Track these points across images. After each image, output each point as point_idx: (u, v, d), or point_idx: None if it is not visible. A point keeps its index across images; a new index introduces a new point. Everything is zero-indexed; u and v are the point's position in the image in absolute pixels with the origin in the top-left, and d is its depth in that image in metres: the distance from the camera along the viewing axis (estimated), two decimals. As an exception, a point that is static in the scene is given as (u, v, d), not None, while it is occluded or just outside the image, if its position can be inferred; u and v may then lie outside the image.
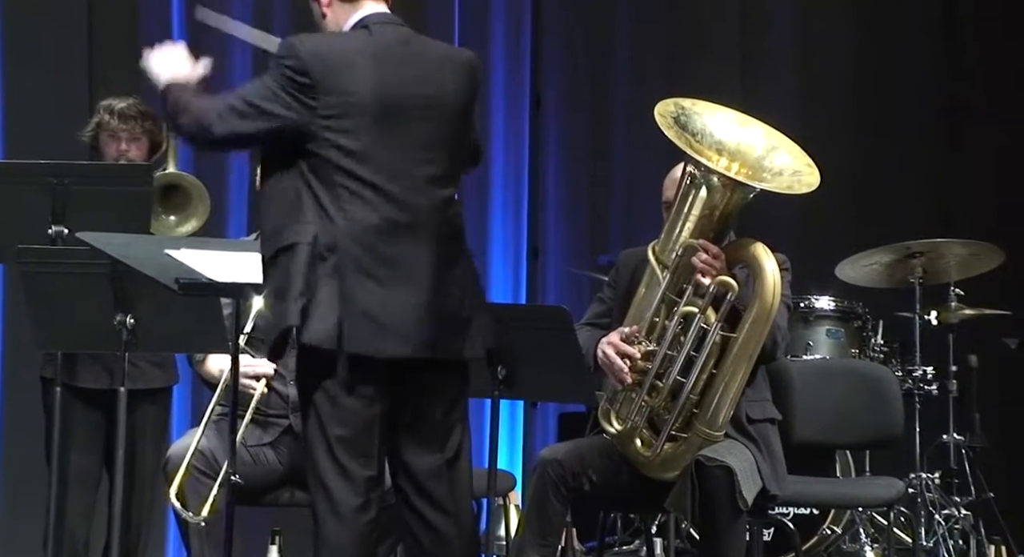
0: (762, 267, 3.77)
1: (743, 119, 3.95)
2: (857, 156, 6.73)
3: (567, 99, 6.97)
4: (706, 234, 3.83)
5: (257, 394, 4.01)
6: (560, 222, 6.92)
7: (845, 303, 5.70)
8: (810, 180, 3.83)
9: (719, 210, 3.82)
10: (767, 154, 3.88)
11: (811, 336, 5.61)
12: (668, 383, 3.83)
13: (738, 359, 3.78)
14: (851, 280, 5.74)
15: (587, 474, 3.96)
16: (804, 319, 5.61)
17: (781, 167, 3.86)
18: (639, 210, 6.74)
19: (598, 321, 4.13)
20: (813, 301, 5.65)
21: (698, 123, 3.89)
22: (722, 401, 3.81)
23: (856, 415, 4.78)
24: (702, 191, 3.80)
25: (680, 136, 3.82)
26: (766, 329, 3.78)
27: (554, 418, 6.47)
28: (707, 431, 3.83)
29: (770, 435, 4.00)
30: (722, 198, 3.80)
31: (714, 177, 3.79)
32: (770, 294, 3.74)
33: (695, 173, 3.82)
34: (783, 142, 3.92)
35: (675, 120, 3.85)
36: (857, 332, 5.68)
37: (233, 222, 5.98)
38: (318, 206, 2.98)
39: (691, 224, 3.83)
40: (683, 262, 3.82)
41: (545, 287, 6.82)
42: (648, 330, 3.87)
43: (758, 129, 3.93)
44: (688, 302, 3.81)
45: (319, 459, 3.03)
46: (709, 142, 3.87)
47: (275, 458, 4.12)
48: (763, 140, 3.90)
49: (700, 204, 3.82)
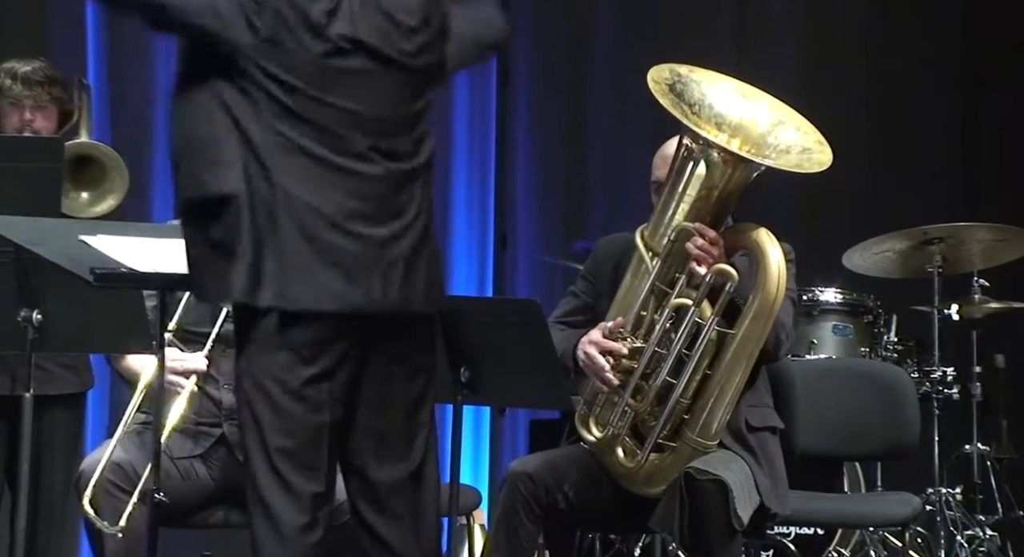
0: (765, 255, 3.78)
1: (746, 90, 3.96)
2: (867, 132, 6.79)
3: (539, 70, 6.99)
4: (702, 217, 3.83)
5: (186, 392, 3.99)
6: (531, 207, 6.95)
7: (854, 296, 5.71)
8: (821, 158, 3.84)
9: (718, 190, 3.82)
10: (773, 130, 3.90)
11: (815, 333, 5.63)
12: (656, 385, 3.83)
13: (736, 359, 3.79)
14: (861, 270, 5.75)
15: (562, 490, 3.96)
16: (808, 314, 5.62)
17: (788, 144, 3.88)
18: (620, 194, 6.79)
19: (570, 319, 4.15)
20: (818, 293, 5.67)
21: (696, 93, 3.90)
22: (716, 406, 3.81)
23: (866, 422, 4.82)
24: (699, 168, 3.81)
25: (676, 105, 3.83)
26: (768, 325, 3.79)
27: (524, 426, 6.50)
28: (699, 440, 3.84)
29: (770, 445, 4.02)
30: (722, 176, 3.81)
31: (714, 152, 3.80)
32: (774, 286, 3.75)
33: (692, 147, 3.83)
34: (791, 116, 3.93)
35: (670, 88, 3.86)
36: (867, 328, 5.69)
37: (158, 202, 5.98)
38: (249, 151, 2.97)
39: (686, 206, 3.84)
40: (676, 248, 3.82)
41: (514, 279, 6.86)
42: (635, 325, 3.88)
43: (763, 102, 3.94)
44: (681, 293, 3.82)
45: (258, 472, 3.01)
46: (708, 114, 3.89)
47: (206, 472, 4.11)
48: (768, 114, 3.92)
49: (697, 183, 3.82)
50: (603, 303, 4.07)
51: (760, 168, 3.82)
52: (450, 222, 6.73)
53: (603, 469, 3.96)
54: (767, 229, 3.83)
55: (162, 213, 5.87)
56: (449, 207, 6.73)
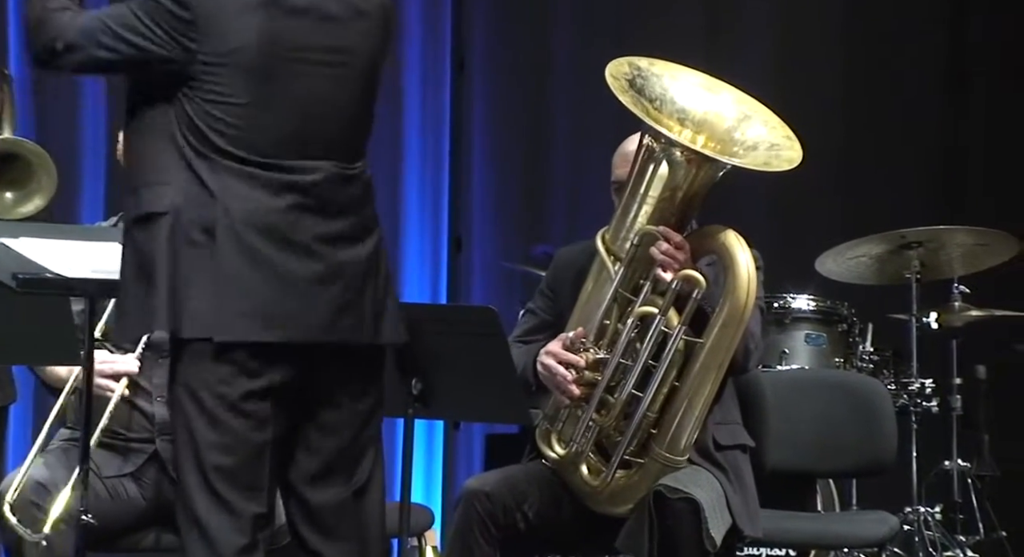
0: (734, 260, 3.78)
1: (711, 83, 3.96)
2: (843, 130, 6.81)
3: (496, 60, 6.99)
4: (667, 219, 3.83)
5: (116, 397, 3.95)
6: (488, 208, 6.95)
7: (827, 303, 5.70)
8: (790, 155, 3.84)
9: (682, 191, 3.82)
10: (739, 124, 3.90)
11: (787, 342, 5.63)
12: (621, 398, 3.83)
13: (705, 369, 3.80)
14: (834, 275, 5.75)
15: (521, 509, 3.96)
16: (779, 322, 5.63)
17: (756, 140, 3.88)
18: (584, 195, 6.81)
19: (529, 339, 4.14)
20: (789, 301, 5.66)
21: (657, 87, 3.90)
22: (685, 419, 3.82)
23: (841, 437, 4.80)
24: (662, 168, 3.81)
25: (636, 102, 3.83)
26: (739, 333, 3.79)
27: (480, 441, 6.51)
28: (667, 456, 3.84)
29: (740, 464, 4.02)
30: (686, 177, 3.81)
31: (676, 151, 3.80)
32: (744, 292, 3.75)
33: (653, 146, 3.83)
34: (758, 110, 3.93)
35: (630, 83, 3.86)
36: (842, 337, 5.69)
37: (87, 203, 5.95)
38: (188, 168, 2.99)
39: (648, 208, 3.84)
40: (639, 253, 3.82)
41: (470, 284, 6.86)
42: (597, 335, 3.88)
43: (728, 95, 3.94)
44: (645, 301, 3.81)
45: (193, 492, 3.00)
46: (670, 110, 3.89)
47: (137, 492, 4.07)
48: (734, 108, 3.92)
49: (659, 184, 3.83)
50: (565, 320, 4.04)
51: (726, 167, 3.83)
52: (401, 223, 6.72)
53: (566, 488, 3.96)
54: (735, 231, 3.83)
55: (92, 214, 5.87)
56: (400, 207, 6.73)
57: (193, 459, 3.00)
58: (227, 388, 2.98)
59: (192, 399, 3.00)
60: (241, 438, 3.00)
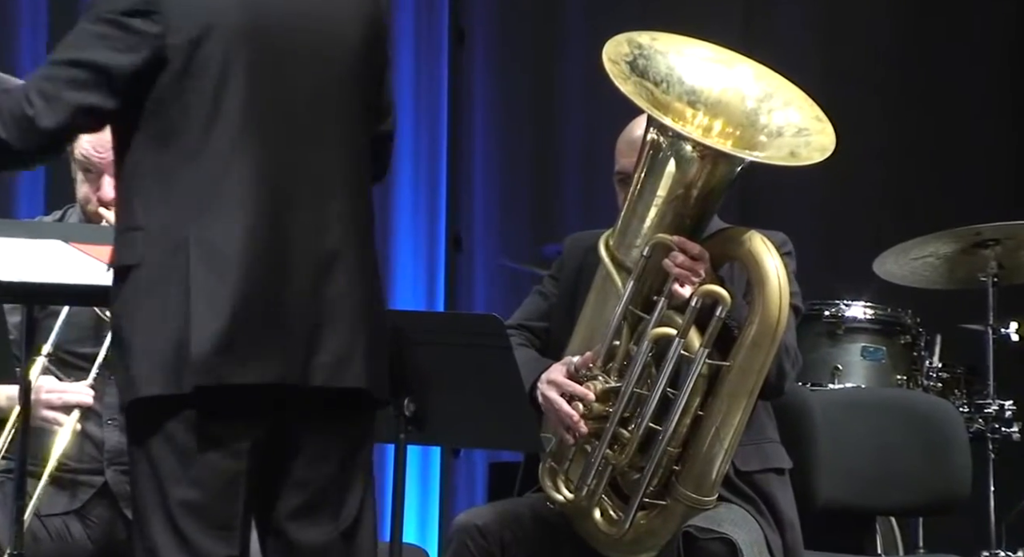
0: (762, 267, 3.78)
1: (724, 56, 3.97)
2: (905, 114, 6.83)
3: (500, 30, 7.05)
4: (680, 222, 3.83)
5: (66, 432, 3.92)
6: (491, 200, 6.99)
7: (888, 311, 5.73)
8: (821, 142, 3.83)
9: (696, 189, 3.83)
10: (760, 105, 3.90)
11: (840, 357, 5.64)
12: (638, 433, 3.83)
13: (733, 396, 3.80)
14: (896, 279, 5.75)
15: (521, 547, 3.99)
16: (831, 333, 5.64)
17: (780, 124, 3.87)
18: (602, 184, 6.69)
19: (534, 324, 4.17)
20: (843, 308, 5.67)
21: (662, 66, 3.90)
22: (712, 454, 3.82)
23: (904, 468, 4.81)
24: (670, 165, 3.81)
25: (639, 89, 3.82)
26: (771, 353, 3.81)
27: (483, 471, 6.59)
28: (693, 496, 3.85)
29: (776, 492, 4.06)
30: (699, 174, 3.82)
31: (687, 145, 3.80)
32: (775, 305, 3.76)
33: (660, 140, 3.83)
34: (781, 87, 3.93)
35: (631, 66, 3.86)
36: (905, 351, 5.71)
37: (23, 197, 5.99)
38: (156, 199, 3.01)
39: (658, 210, 3.85)
40: (651, 264, 3.83)
41: (471, 288, 6.88)
42: (606, 359, 3.88)
43: (745, 69, 3.95)
44: (661, 320, 3.81)
45: (154, 532, 3.01)
46: (679, 91, 3.90)
47: (83, 533, 4.08)
48: (754, 85, 3.92)
49: (669, 181, 3.83)
50: (558, 317, 4.10)
51: (745, 162, 3.83)
52: (391, 219, 6.75)
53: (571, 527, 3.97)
54: (760, 234, 3.84)
55: (30, 208, 5.91)
56: (390, 201, 6.74)
57: (155, 493, 3.00)
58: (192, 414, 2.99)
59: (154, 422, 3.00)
60: (212, 468, 3.00)
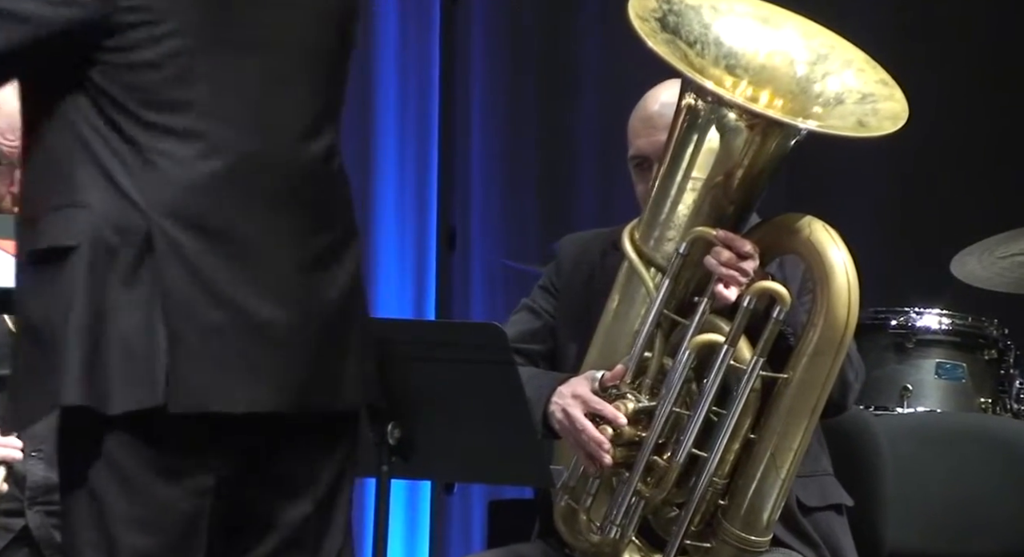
0: (827, 261, 3.82)
1: (769, 12, 4.02)
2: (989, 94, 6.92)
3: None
4: (722, 210, 3.87)
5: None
6: (490, 190, 7.14)
7: (968, 320, 5.76)
8: (892, 108, 3.86)
9: (742, 169, 3.86)
10: (813, 70, 3.95)
11: (910, 375, 5.70)
12: (678, 461, 3.85)
13: (792, 415, 3.85)
14: (979, 282, 5.75)
15: None
16: (899, 347, 5.70)
17: (839, 91, 3.92)
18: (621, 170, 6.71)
19: (524, 346, 4.20)
20: (913, 317, 5.72)
21: (696, 24, 3.95)
22: (767, 484, 3.88)
23: (989, 508, 4.83)
24: (710, 136, 3.86)
25: (672, 48, 3.85)
26: (836, 364, 3.84)
27: (481, 509, 6.73)
28: (743, 536, 3.88)
29: (837, 533, 4.12)
30: (746, 149, 3.86)
31: (730, 113, 3.82)
32: (843, 306, 3.80)
33: (698, 107, 3.85)
34: (837, 46, 3.98)
35: (661, 23, 3.90)
36: (989, 368, 5.74)
37: None
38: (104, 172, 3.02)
39: (695, 195, 3.91)
40: (689, 261, 3.85)
41: (467, 291, 7.02)
42: (636, 373, 3.90)
43: (793, 28, 3.99)
44: (704, 326, 3.81)
45: None
46: (715, 54, 3.95)
47: None
48: (804, 48, 3.98)
49: (710, 158, 3.89)
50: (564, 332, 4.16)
51: (801, 133, 3.84)
52: (374, 213, 6.89)
53: None
54: (820, 221, 3.86)
55: None
56: (372, 188, 6.87)
57: (99, 541, 2.99)
58: None
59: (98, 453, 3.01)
60: (168, 508, 3.02)
